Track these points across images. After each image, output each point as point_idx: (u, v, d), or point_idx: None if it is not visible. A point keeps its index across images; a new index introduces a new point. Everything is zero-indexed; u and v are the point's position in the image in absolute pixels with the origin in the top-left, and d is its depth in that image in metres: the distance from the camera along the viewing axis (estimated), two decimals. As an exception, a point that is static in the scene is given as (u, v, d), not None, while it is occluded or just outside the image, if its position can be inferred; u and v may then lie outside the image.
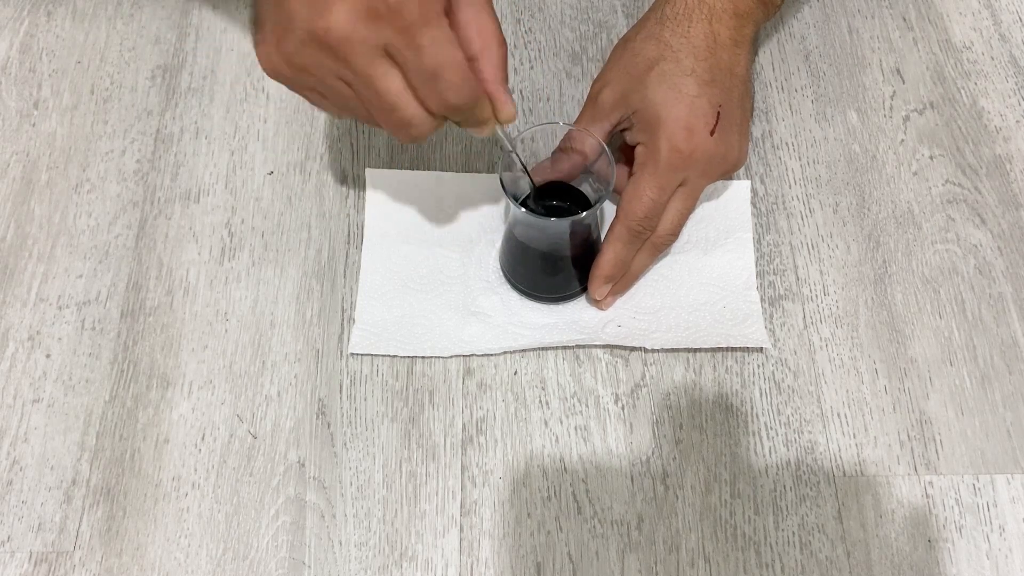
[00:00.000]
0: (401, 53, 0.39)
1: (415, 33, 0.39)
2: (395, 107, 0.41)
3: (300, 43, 0.40)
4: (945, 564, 0.49)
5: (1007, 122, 0.63)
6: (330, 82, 0.42)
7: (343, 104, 0.43)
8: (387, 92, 0.40)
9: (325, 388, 0.53)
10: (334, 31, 0.39)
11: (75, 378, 0.53)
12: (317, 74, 0.41)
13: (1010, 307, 0.56)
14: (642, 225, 0.51)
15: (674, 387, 0.53)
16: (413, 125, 0.42)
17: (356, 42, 0.39)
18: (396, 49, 0.39)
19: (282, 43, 0.40)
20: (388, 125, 0.43)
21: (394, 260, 0.57)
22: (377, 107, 0.41)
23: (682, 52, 0.52)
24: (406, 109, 0.41)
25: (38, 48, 0.66)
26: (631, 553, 0.49)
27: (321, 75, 0.41)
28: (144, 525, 0.49)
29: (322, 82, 0.42)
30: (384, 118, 0.42)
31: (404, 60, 0.40)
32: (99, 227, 0.58)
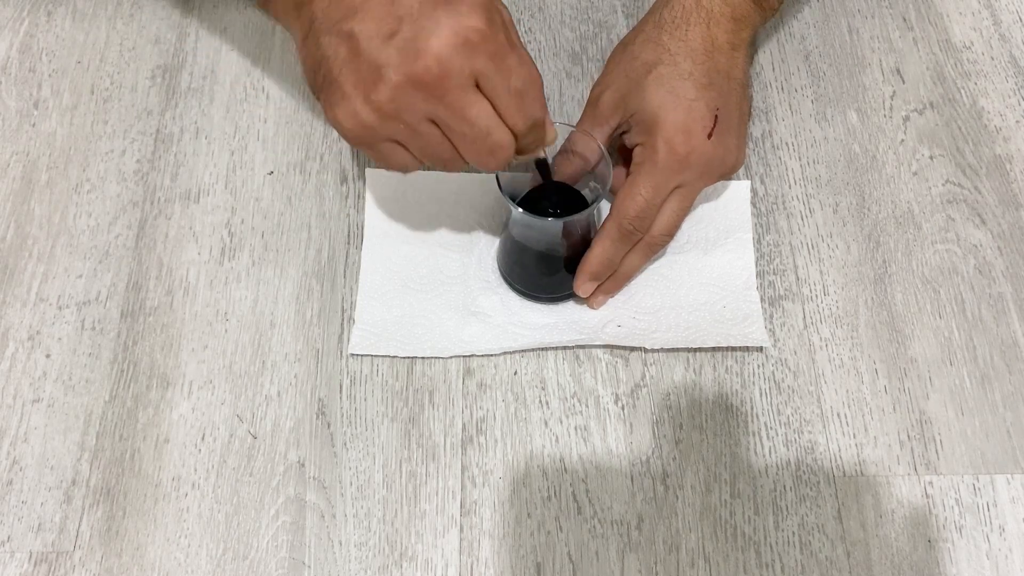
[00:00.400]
0: (492, 79, 0.41)
1: (504, 56, 0.41)
2: (488, 132, 0.42)
3: (394, 90, 0.40)
4: (945, 564, 0.49)
5: (1007, 122, 0.63)
6: (418, 126, 0.42)
7: (425, 147, 0.44)
8: (479, 118, 0.42)
9: (325, 388, 0.53)
10: (433, 68, 0.40)
11: (75, 378, 0.53)
12: (407, 120, 0.42)
13: (1010, 307, 0.56)
14: (633, 224, 0.52)
15: (674, 387, 0.53)
16: (503, 147, 0.43)
17: (453, 75, 0.40)
18: (487, 75, 0.41)
19: (372, 94, 0.41)
20: (478, 154, 0.43)
21: (394, 260, 0.57)
22: (470, 137, 0.42)
23: (680, 56, 0.52)
24: (497, 132, 0.43)
25: (38, 48, 0.66)
26: (631, 553, 0.49)
27: (410, 120, 0.42)
28: (144, 525, 0.49)
29: (410, 128, 0.42)
30: (476, 147, 0.43)
31: (495, 85, 0.41)
32: (99, 227, 0.58)
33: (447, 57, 0.40)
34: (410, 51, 0.40)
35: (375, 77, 0.41)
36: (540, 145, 0.47)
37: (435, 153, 0.44)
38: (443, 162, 0.45)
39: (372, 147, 0.44)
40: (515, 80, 0.42)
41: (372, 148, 0.44)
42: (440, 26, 0.40)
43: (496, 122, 0.42)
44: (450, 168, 0.45)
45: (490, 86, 0.41)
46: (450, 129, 0.42)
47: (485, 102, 0.42)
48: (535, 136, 0.45)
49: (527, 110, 0.43)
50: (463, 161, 0.45)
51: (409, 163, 0.45)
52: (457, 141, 0.43)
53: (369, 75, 0.41)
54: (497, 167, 0.45)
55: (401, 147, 0.44)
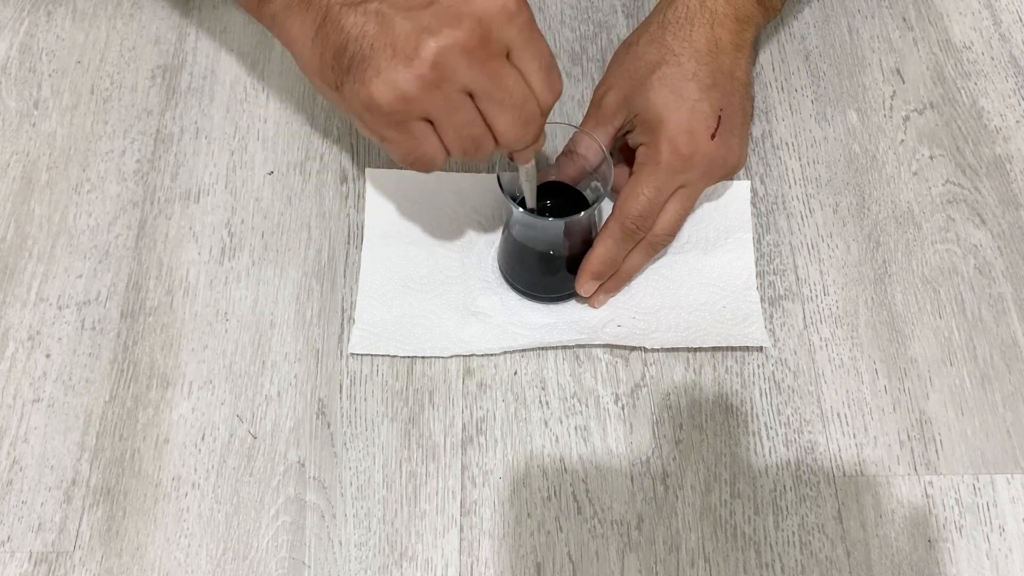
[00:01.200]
0: (525, 50, 0.42)
1: (534, 30, 0.42)
2: (524, 101, 0.43)
3: (436, 54, 0.40)
4: (945, 564, 0.49)
5: (1007, 122, 0.63)
6: (455, 98, 0.42)
7: (461, 124, 0.43)
8: (516, 87, 0.42)
9: (325, 388, 0.53)
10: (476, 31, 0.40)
11: (75, 378, 0.53)
12: (447, 89, 0.41)
13: (1010, 307, 0.56)
14: (636, 224, 0.52)
15: (674, 387, 0.53)
16: (535, 120, 0.44)
17: (493, 41, 0.41)
18: (519, 46, 0.42)
19: (413, 62, 0.40)
20: (513, 123, 0.43)
21: (394, 260, 0.57)
22: (507, 105, 0.42)
23: (684, 56, 0.52)
24: (530, 102, 0.43)
25: (38, 48, 0.66)
26: (631, 553, 0.49)
27: (449, 90, 0.41)
28: (144, 525, 0.49)
29: (447, 100, 0.42)
30: (512, 117, 0.43)
31: (527, 56, 0.42)
32: (99, 227, 0.58)
33: (489, 21, 0.40)
34: (451, 15, 0.40)
35: (415, 44, 0.40)
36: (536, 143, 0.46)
37: (468, 131, 0.43)
38: (474, 143, 0.44)
39: (404, 127, 0.43)
40: (544, 54, 0.43)
41: (403, 129, 0.43)
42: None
43: (529, 93, 0.43)
44: (478, 153, 0.44)
45: (522, 57, 0.42)
46: (488, 97, 0.42)
47: (517, 73, 0.42)
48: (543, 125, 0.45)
49: (554, 84, 0.44)
50: (492, 142, 0.44)
51: (437, 152, 0.44)
52: (494, 112, 0.43)
53: (408, 44, 0.40)
54: (528, 141, 0.44)
55: (432, 130, 0.43)
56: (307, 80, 0.47)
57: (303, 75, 0.46)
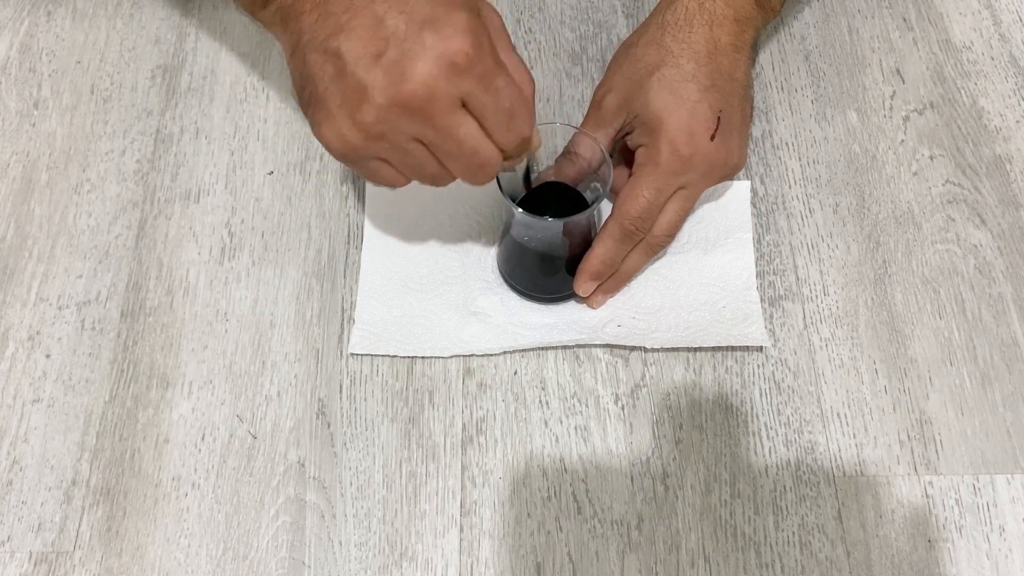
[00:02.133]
0: (479, 100, 0.41)
1: (491, 79, 0.41)
2: (476, 151, 0.42)
3: (379, 111, 0.40)
4: (945, 564, 0.49)
5: (1007, 122, 0.63)
6: (405, 145, 0.42)
7: (412, 165, 0.44)
8: (468, 138, 0.42)
9: (325, 388, 0.53)
10: (419, 93, 0.40)
11: (75, 378, 0.53)
12: (393, 140, 0.42)
13: (1010, 307, 0.56)
14: (635, 224, 0.52)
15: (674, 387, 0.53)
16: (491, 164, 0.43)
17: (439, 99, 0.40)
18: (475, 97, 0.41)
19: (357, 115, 0.40)
20: (466, 171, 0.43)
21: (394, 260, 0.57)
22: (457, 156, 0.42)
23: (683, 57, 0.52)
24: (485, 150, 0.42)
25: (38, 48, 0.66)
26: (631, 553, 0.49)
27: (396, 140, 0.42)
28: (144, 525, 0.49)
29: (396, 147, 0.42)
30: (464, 164, 0.43)
31: (482, 106, 0.41)
32: (99, 227, 0.58)
33: (433, 81, 0.39)
34: (396, 74, 0.40)
35: (360, 98, 0.40)
36: (525, 153, 0.46)
37: (422, 170, 0.44)
38: (430, 178, 0.45)
39: (358, 164, 0.44)
40: (503, 101, 0.41)
41: (358, 165, 0.44)
42: (426, 49, 0.39)
43: (483, 140, 0.42)
44: (438, 184, 0.45)
45: (478, 107, 0.41)
46: (437, 148, 0.42)
47: (472, 122, 0.42)
48: (522, 147, 0.45)
49: (515, 129, 0.43)
50: (451, 177, 0.45)
51: (397, 180, 0.45)
52: (444, 159, 0.43)
53: (355, 96, 0.40)
54: (485, 181, 0.45)
55: (388, 165, 0.44)
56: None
57: None
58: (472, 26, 0.40)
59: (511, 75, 0.42)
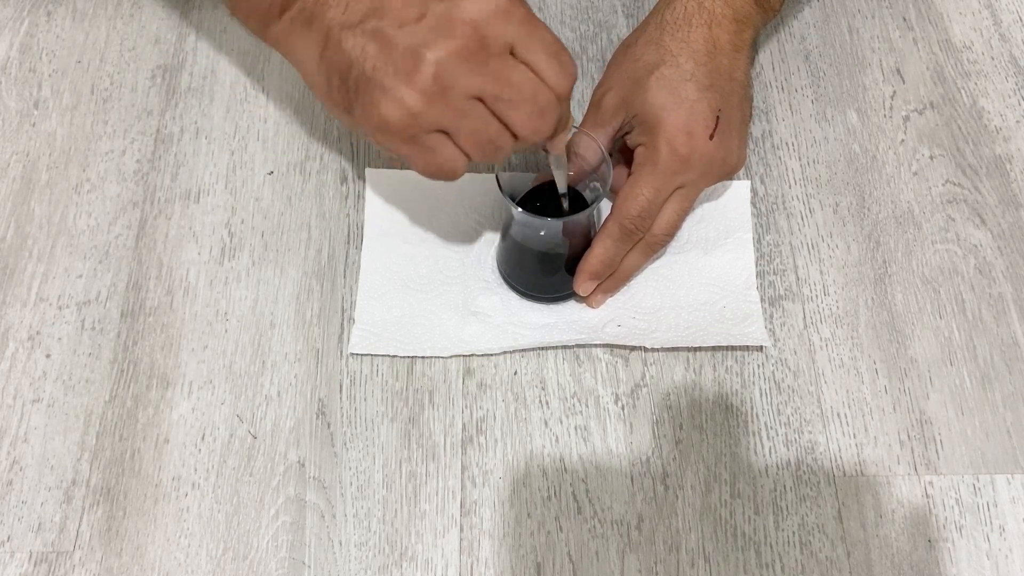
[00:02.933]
0: (528, 42, 0.42)
1: (534, 22, 0.42)
2: (535, 93, 0.42)
3: (436, 66, 0.40)
4: (945, 564, 0.49)
5: (1007, 122, 0.63)
6: (464, 105, 0.42)
7: (474, 128, 0.43)
8: (524, 82, 0.42)
9: (325, 388, 0.53)
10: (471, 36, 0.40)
11: (75, 378, 0.53)
12: (453, 99, 0.41)
13: (1010, 307, 0.56)
14: (635, 224, 0.52)
15: (674, 387, 0.53)
16: (551, 108, 0.43)
17: (491, 42, 0.41)
18: (522, 40, 0.41)
19: (415, 78, 0.40)
20: (529, 118, 0.43)
21: (394, 260, 0.57)
22: (517, 102, 0.42)
23: (682, 57, 0.52)
24: (543, 92, 0.42)
25: (38, 48, 0.66)
26: (631, 553, 0.49)
27: (456, 100, 0.41)
28: (144, 525, 0.49)
29: (456, 110, 0.42)
30: (526, 111, 0.42)
31: (532, 48, 0.42)
32: (99, 227, 0.58)
33: (483, 23, 0.40)
34: (444, 26, 0.40)
35: (415, 60, 0.40)
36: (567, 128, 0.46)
37: (484, 133, 0.43)
38: (492, 144, 0.43)
39: (418, 141, 0.43)
40: (550, 41, 0.42)
41: (418, 142, 0.43)
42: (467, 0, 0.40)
43: (539, 83, 0.42)
44: (498, 154, 0.44)
45: (527, 50, 0.42)
46: (497, 99, 0.42)
47: (524, 67, 0.42)
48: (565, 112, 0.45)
49: (566, 67, 0.43)
50: (511, 139, 0.43)
51: (457, 159, 0.44)
52: (505, 111, 0.42)
53: (408, 61, 0.40)
54: (547, 133, 0.44)
55: (448, 140, 0.43)
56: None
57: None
58: None
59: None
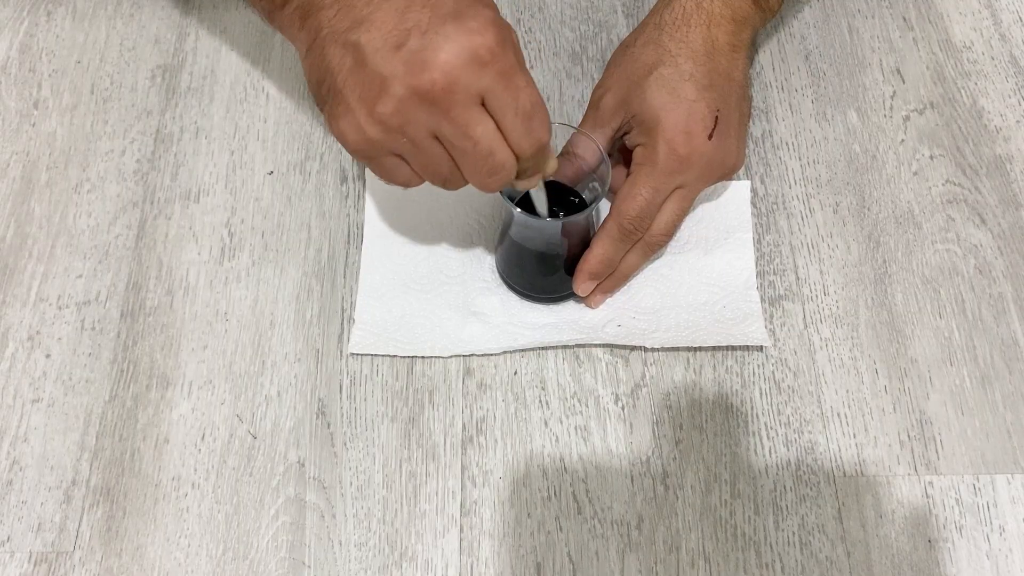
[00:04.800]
0: (500, 97, 0.40)
1: (512, 77, 0.40)
2: (491, 152, 0.41)
3: (399, 102, 0.40)
4: (945, 564, 0.49)
5: (1007, 122, 0.63)
6: (422, 141, 0.42)
7: (427, 163, 0.43)
8: (484, 137, 0.41)
9: (325, 388, 0.53)
10: (439, 83, 0.39)
11: (75, 378, 0.53)
12: (410, 134, 0.41)
13: (1010, 307, 0.56)
14: (633, 224, 0.52)
15: (674, 387, 0.53)
16: (504, 168, 0.42)
17: (459, 91, 0.39)
18: (495, 94, 0.40)
19: (376, 106, 0.40)
20: (479, 173, 0.43)
21: (394, 260, 0.57)
22: (472, 155, 0.42)
23: (681, 57, 0.52)
24: (500, 153, 0.42)
25: (38, 48, 0.66)
26: (631, 553, 0.49)
27: (414, 134, 0.41)
28: (144, 525, 0.49)
29: (413, 142, 0.42)
30: (477, 166, 0.42)
31: (502, 104, 0.40)
32: (99, 227, 0.58)
33: (454, 71, 0.39)
34: (417, 63, 0.39)
35: (380, 89, 0.40)
36: (539, 173, 0.46)
37: (436, 170, 0.43)
38: (443, 179, 0.44)
39: (374, 160, 0.44)
40: (523, 101, 0.41)
41: (374, 161, 0.44)
42: (449, 40, 0.39)
43: (499, 142, 0.41)
44: (449, 186, 0.44)
45: (497, 105, 0.41)
46: (453, 146, 0.42)
47: (490, 121, 0.41)
48: (537, 162, 0.44)
49: (533, 133, 0.42)
50: (462, 179, 0.44)
51: (410, 179, 0.45)
52: (459, 159, 0.42)
53: (374, 87, 0.40)
54: (495, 189, 0.44)
55: (403, 162, 0.44)
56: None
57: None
58: (497, 22, 0.40)
59: (531, 77, 0.42)
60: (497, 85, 0.40)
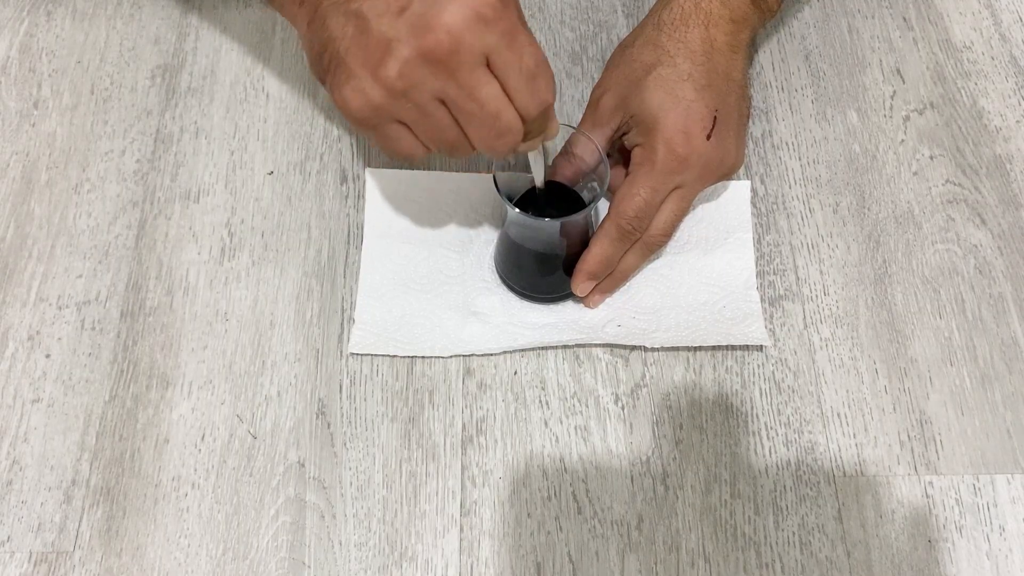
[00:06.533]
0: (503, 57, 0.40)
1: (516, 35, 0.40)
2: (498, 113, 0.41)
3: (404, 64, 0.40)
4: (945, 564, 0.49)
5: (1007, 122, 0.63)
6: (426, 105, 0.41)
7: (432, 130, 0.43)
8: (490, 99, 0.41)
9: (325, 388, 0.53)
10: (444, 43, 0.39)
11: (75, 378, 0.53)
12: (416, 98, 0.41)
13: (1010, 307, 0.56)
14: (632, 224, 0.52)
15: (674, 387, 0.53)
16: (511, 130, 0.42)
17: (464, 51, 0.39)
18: (499, 53, 0.40)
19: (380, 71, 0.40)
20: (486, 136, 0.42)
21: (394, 260, 0.57)
22: (479, 117, 0.42)
23: (679, 57, 0.52)
24: (506, 114, 0.42)
25: (38, 48, 0.66)
26: (631, 553, 0.49)
27: (419, 98, 0.41)
28: (144, 525, 0.49)
29: (418, 107, 0.41)
30: (484, 128, 0.42)
31: (506, 64, 0.40)
32: (99, 227, 0.58)
33: (459, 31, 0.39)
34: (421, 25, 0.39)
35: (384, 52, 0.40)
36: (542, 136, 0.46)
37: (442, 136, 0.43)
38: (449, 146, 0.44)
39: (378, 129, 0.43)
40: (527, 60, 0.41)
41: (378, 131, 0.43)
42: (453, 1, 0.39)
43: (506, 103, 0.41)
44: (456, 153, 0.44)
45: (501, 65, 0.40)
46: (459, 109, 0.41)
47: (495, 82, 0.41)
48: (540, 124, 0.44)
49: (538, 93, 0.42)
50: (469, 146, 0.44)
51: (415, 149, 0.44)
52: (465, 122, 0.42)
53: (378, 51, 0.40)
54: (502, 152, 0.44)
55: (407, 131, 0.43)
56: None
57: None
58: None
59: (533, 37, 0.42)
60: (501, 43, 0.40)
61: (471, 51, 0.40)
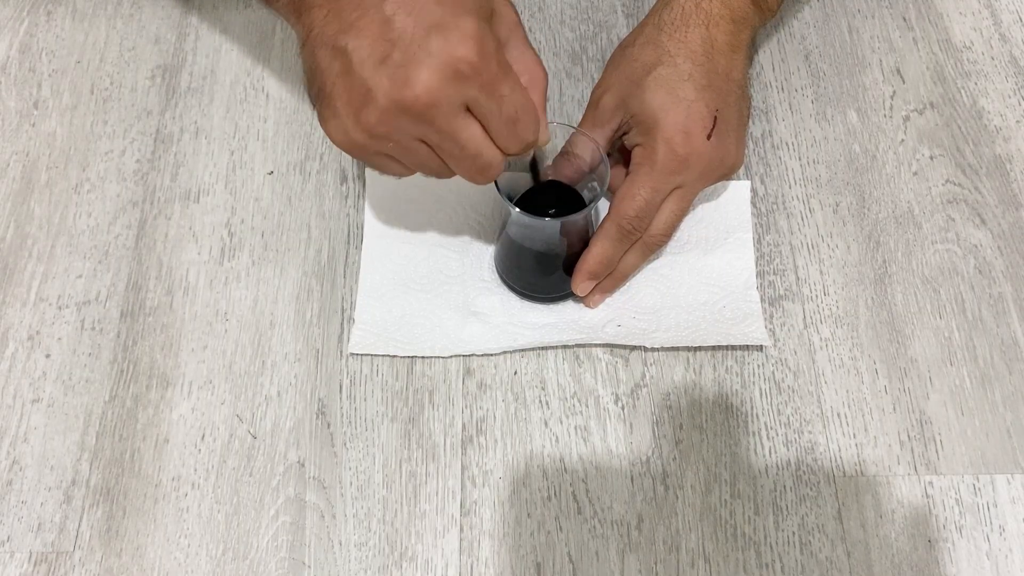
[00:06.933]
0: (483, 106, 0.41)
1: (496, 86, 0.41)
2: (478, 154, 0.43)
3: (383, 113, 0.40)
4: (945, 564, 0.49)
5: (1007, 122, 0.63)
6: (408, 145, 0.43)
7: (417, 162, 0.44)
8: (470, 142, 0.42)
9: (325, 388, 0.53)
10: (422, 98, 0.40)
11: (75, 378, 0.53)
12: (397, 140, 0.42)
13: (1010, 307, 0.56)
14: (632, 224, 0.52)
15: (674, 387, 0.53)
16: (492, 167, 0.44)
17: (441, 105, 0.40)
18: (478, 103, 0.41)
19: (362, 115, 0.41)
20: (468, 172, 0.44)
21: (393, 260, 0.57)
22: (459, 158, 0.43)
23: (679, 57, 0.52)
24: (487, 153, 0.43)
25: (38, 48, 0.66)
26: (631, 553, 0.49)
27: (400, 140, 0.42)
28: (144, 525, 0.49)
29: (399, 146, 0.43)
30: (466, 166, 0.43)
31: (487, 112, 0.41)
32: (99, 227, 0.58)
33: (436, 88, 0.40)
34: (400, 78, 0.40)
35: (365, 99, 0.40)
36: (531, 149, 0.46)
37: (425, 166, 0.44)
38: (434, 173, 0.45)
39: (364, 159, 0.45)
40: (507, 108, 0.42)
41: (364, 159, 0.45)
42: (431, 56, 0.39)
43: (486, 144, 0.42)
44: (441, 177, 0.46)
45: (482, 112, 0.41)
46: (440, 149, 0.43)
47: (476, 125, 0.42)
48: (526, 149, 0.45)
49: (519, 135, 0.43)
50: (453, 173, 0.45)
51: (402, 172, 0.46)
52: (447, 160, 0.43)
53: (359, 96, 0.41)
54: (486, 182, 0.45)
55: (393, 159, 0.44)
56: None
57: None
58: (479, 32, 0.40)
59: (518, 80, 0.42)
60: (480, 95, 0.41)
61: (449, 103, 0.40)
